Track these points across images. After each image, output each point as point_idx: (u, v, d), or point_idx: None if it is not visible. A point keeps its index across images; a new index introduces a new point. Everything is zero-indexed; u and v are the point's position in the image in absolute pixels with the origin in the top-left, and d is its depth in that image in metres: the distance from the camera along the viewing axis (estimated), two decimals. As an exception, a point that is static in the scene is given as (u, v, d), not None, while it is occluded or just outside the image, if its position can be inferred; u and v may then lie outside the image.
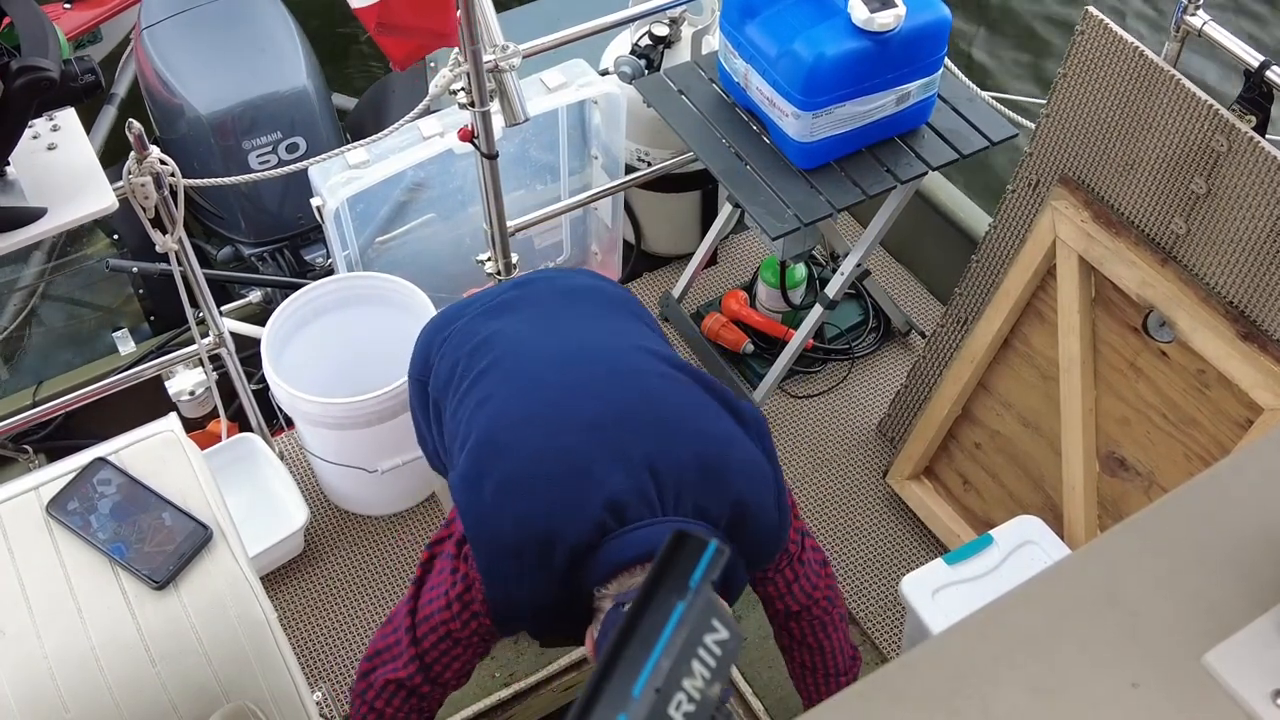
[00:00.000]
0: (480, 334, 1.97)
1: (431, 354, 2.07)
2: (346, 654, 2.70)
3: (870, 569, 2.83)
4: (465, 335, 2.00)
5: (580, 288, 2.12)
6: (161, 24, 3.28)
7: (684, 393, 1.86)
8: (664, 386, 1.86)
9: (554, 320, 2.01)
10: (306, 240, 3.38)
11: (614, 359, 1.90)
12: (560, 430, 1.79)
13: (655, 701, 0.73)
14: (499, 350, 1.92)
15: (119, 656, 1.54)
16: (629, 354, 1.92)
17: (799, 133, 2.49)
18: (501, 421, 1.83)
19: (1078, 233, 2.32)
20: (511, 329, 1.97)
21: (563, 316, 2.02)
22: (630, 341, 1.96)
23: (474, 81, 2.25)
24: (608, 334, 1.99)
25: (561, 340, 1.94)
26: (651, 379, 1.87)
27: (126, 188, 2.19)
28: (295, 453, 3.02)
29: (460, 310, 2.11)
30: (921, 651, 0.89)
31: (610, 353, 1.92)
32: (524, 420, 1.83)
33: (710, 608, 0.78)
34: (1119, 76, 2.21)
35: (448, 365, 1.98)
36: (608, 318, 2.04)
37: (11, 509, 1.66)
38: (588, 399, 1.82)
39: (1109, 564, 0.92)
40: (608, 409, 1.80)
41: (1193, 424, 2.25)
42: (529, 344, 1.93)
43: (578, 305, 2.06)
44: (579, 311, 2.04)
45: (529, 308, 2.03)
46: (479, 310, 2.06)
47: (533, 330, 1.97)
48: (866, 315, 3.28)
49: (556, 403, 1.82)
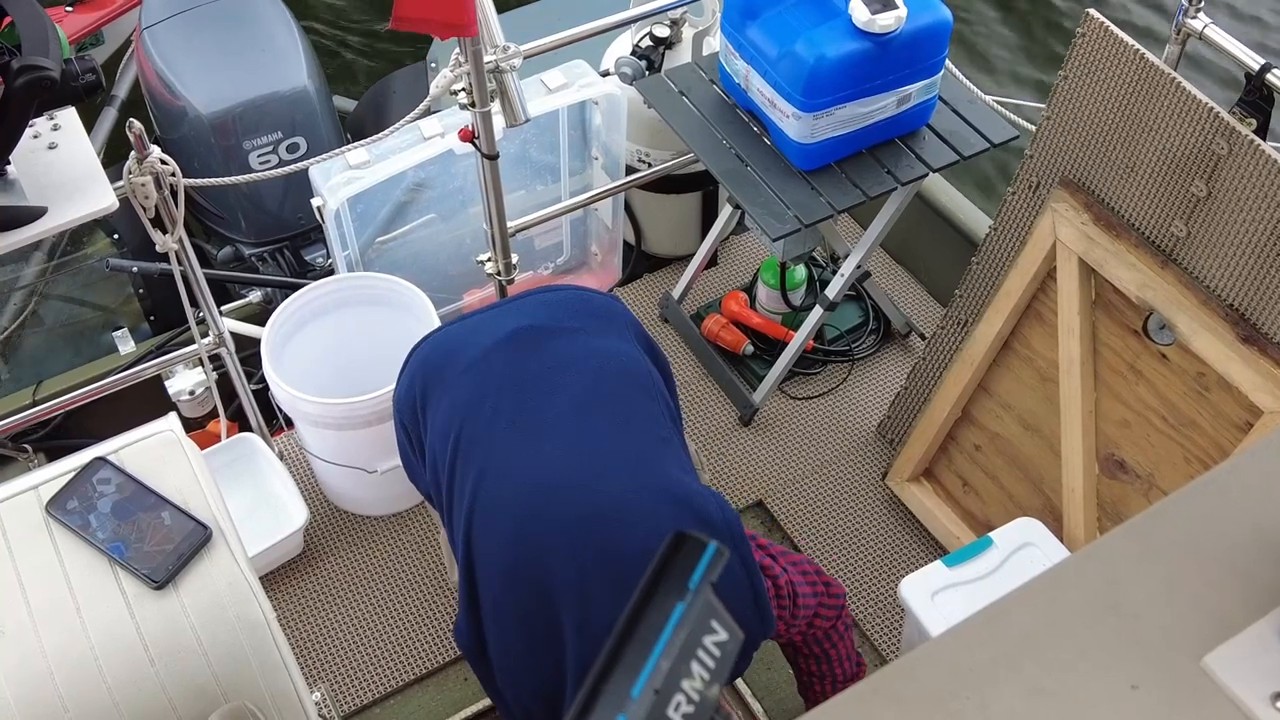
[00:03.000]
0: (464, 436, 1.90)
1: (417, 407, 2.01)
2: (346, 654, 2.70)
3: (869, 571, 2.83)
4: (449, 427, 1.92)
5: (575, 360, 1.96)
6: (162, 24, 3.28)
7: (651, 516, 1.81)
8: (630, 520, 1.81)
9: (539, 429, 1.89)
10: (307, 240, 3.38)
11: (583, 499, 1.84)
12: (530, 595, 1.81)
13: (654, 702, 0.73)
14: (477, 481, 1.87)
15: (118, 656, 1.54)
16: (599, 486, 1.85)
17: (799, 134, 2.50)
18: (484, 585, 1.87)
19: (1078, 235, 2.32)
20: (496, 440, 1.89)
21: (549, 420, 1.90)
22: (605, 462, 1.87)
23: (475, 82, 2.25)
24: (587, 455, 1.88)
25: (537, 476, 1.86)
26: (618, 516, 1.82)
27: (127, 187, 2.19)
28: (295, 453, 3.02)
29: (449, 356, 2.00)
30: (921, 653, 0.89)
31: (581, 488, 1.85)
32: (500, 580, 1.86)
33: (709, 609, 0.78)
34: (1120, 79, 2.21)
35: (433, 460, 1.95)
36: (594, 413, 1.91)
37: (11, 508, 1.66)
38: (557, 562, 1.80)
39: (1108, 566, 0.92)
40: (574, 576, 1.78)
41: (1192, 426, 2.25)
42: (505, 478, 1.87)
43: (568, 395, 1.92)
44: (566, 411, 1.91)
45: (518, 392, 1.92)
46: (466, 378, 1.95)
47: (515, 447, 1.88)
48: (866, 317, 3.28)
49: (521, 569, 1.83)
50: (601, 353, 1.98)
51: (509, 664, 1.88)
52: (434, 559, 2.84)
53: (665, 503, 1.83)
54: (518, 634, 1.85)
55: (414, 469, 2.11)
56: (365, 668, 2.68)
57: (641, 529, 1.80)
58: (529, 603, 1.81)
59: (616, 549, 1.78)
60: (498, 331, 1.99)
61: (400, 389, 2.08)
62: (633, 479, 1.85)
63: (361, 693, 2.64)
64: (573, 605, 1.77)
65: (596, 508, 1.82)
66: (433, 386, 1.99)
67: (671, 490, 1.84)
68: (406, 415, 2.06)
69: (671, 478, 1.86)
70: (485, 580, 1.87)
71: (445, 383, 1.98)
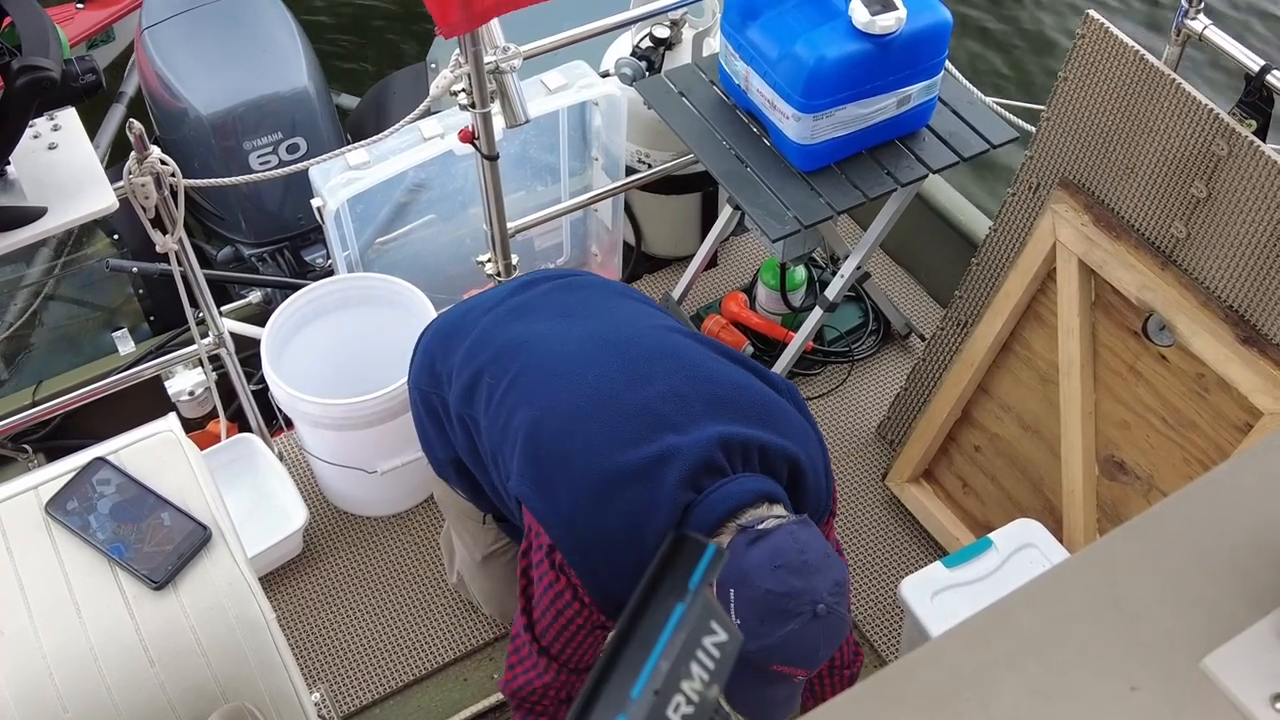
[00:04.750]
0: (499, 340, 1.96)
1: (437, 364, 2.04)
2: (345, 655, 2.70)
3: (869, 571, 2.83)
4: (482, 344, 1.97)
5: (585, 283, 2.11)
6: (162, 24, 3.28)
7: (720, 363, 1.89)
8: (702, 360, 1.88)
9: (572, 315, 1.99)
10: (306, 241, 3.38)
11: (643, 340, 1.90)
12: (613, 421, 1.79)
13: (654, 703, 0.73)
14: (527, 354, 1.90)
15: (118, 656, 1.54)
16: (656, 333, 1.93)
17: (799, 135, 2.50)
18: (551, 424, 1.82)
19: (1078, 236, 2.32)
20: (533, 330, 1.95)
21: (579, 310, 2.01)
22: (650, 322, 1.97)
23: (475, 83, 2.25)
24: (627, 320, 1.98)
25: (587, 331, 1.93)
26: (688, 354, 1.88)
27: (127, 188, 2.19)
28: (295, 453, 3.02)
29: (462, 315, 2.08)
30: (921, 654, 0.89)
31: (638, 334, 1.92)
32: (575, 416, 1.81)
33: (709, 610, 0.78)
34: (1120, 80, 2.21)
35: (468, 376, 1.95)
36: (621, 306, 2.05)
37: (11, 509, 1.66)
38: (633, 383, 1.82)
39: (1108, 567, 0.92)
40: (654, 390, 1.81)
41: (1192, 428, 2.25)
42: (555, 341, 1.92)
43: (588, 299, 2.05)
44: (592, 304, 2.03)
45: (542, 308, 2.02)
46: (488, 316, 2.02)
47: (554, 328, 1.95)
48: (866, 318, 3.29)
49: (602, 393, 1.82)
50: (610, 283, 2.14)
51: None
52: (434, 559, 2.84)
53: (732, 360, 1.91)
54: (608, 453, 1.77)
55: (431, 442, 2.11)
56: (365, 668, 2.68)
57: (721, 371, 1.86)
58: (617, 419, 1.79)
59: (702, 375, 1.84)
60: (505, 289, 2.10)
61: (414, 365, 2.12)
62: (694, 338, 1.94)
63: (361, 693, 2.64)
64: (670, 411, 1.78)
65: (672, 348, 1.88)
66: (449, 341, 2.04)
67: (734, 354, 1.93)
68: (424, 380, 2.07)
69: (728, 348, 1.96)
70: (559, 431, 1.81)
71: (463, 331, 2.02)
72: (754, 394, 1.85)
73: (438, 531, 2.84)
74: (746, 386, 1.86)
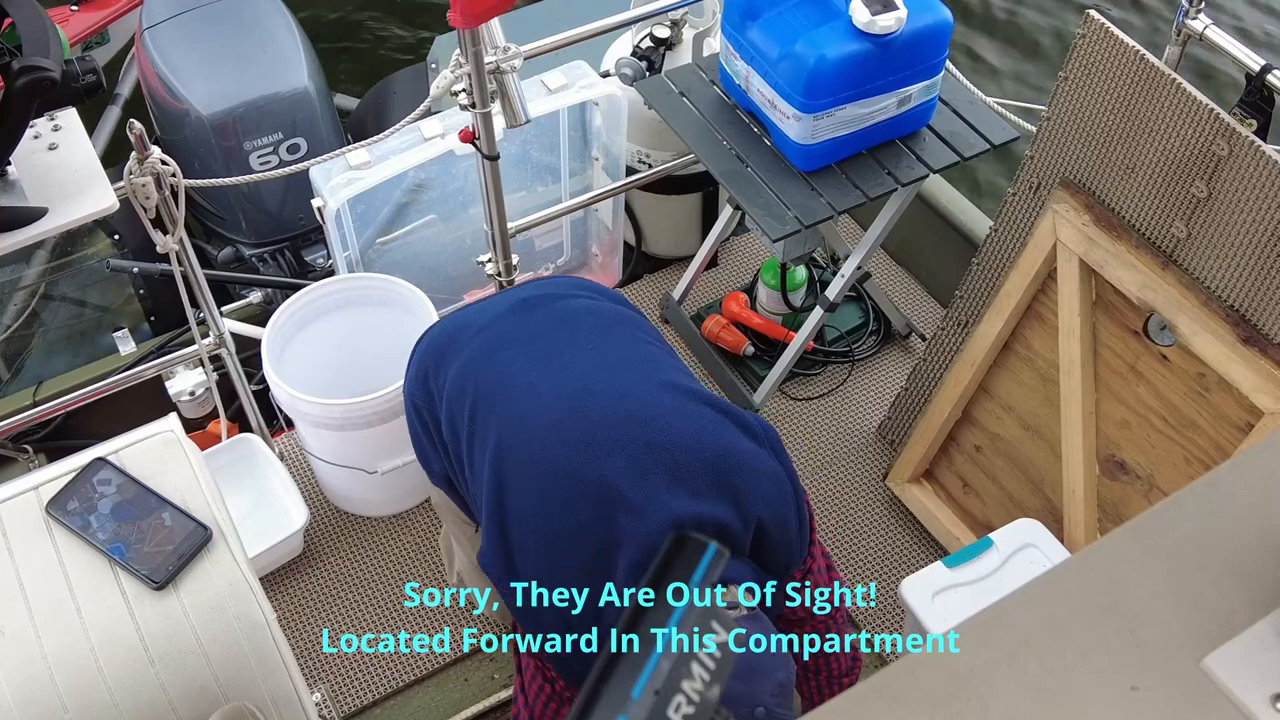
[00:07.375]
0: (482, 380, 1.92)
1: (430, 380, 2.02)
2: (345, 655, 2.70)
3: (870, 571, 2.83)
4: (465, 378, 1.94)
5: (584, 310, 2.05)
6: (163, 25, 3.28)
7: (690, 421, 1.83)
8: (670, 421, 1.82)
9: (551, 362, 1.93)
10: (307, 241, 3.38)
11: (615, 401, 1.86)
12: (570, 497, 1.77)
13: (654, 703, 0.73)
14: (502, 407, 1.88)
15: (118, 657, 1.54)
16: (631, 390, 1.88)
17: (800, 135, 2.50)
18: (514, 502, 1.81)
19: (1079, 236, 2.32)
20: (513, 374, 1.91)
21: (564, 351, 1.95)
22: (628, 375, 1.92)
23: (475, 83, 2.25)
24: (607, 370, 1.93)
25: (559, 391, 1.88)
26: (656, 417, 1.83)
27: (127, 188, 2.19)
28: (295, 453, 3.02)
29: (458, 330, 2.04)
30: (921, 654, 0.89)
31: (611, 393, 1.87)
32: (535, 494, 1.80)
33: (709, 610, 0.78)
34: (1120, 80, 2.21)
35: (451, 414, 1.94)
36: (610, 347, 1.98)
37: (11, 509, 1.66)
38: (593, 458, 1.78)
39: (1109, 567, 0.92)
40: (613, 465, 1.77)
41: (1193, 427, 2.25)
42: (527, 401, 1.88)
43: (580, 334, 1.99)
44: (580, 342, 1.97)
45: (531, 341, 1.97)
46: (479, 337, 1.99)
47: (531, 378, 1.90)
48: (867, 318, 3.28)
49: (559, 468, 1.79)
50: (605, 309, 2.06)
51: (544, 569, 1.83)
52: (434, 559, 2.84)
53: (708, 408, 1.86)
54: (561, 525, 1.78)
55: (426, 453, 2.11)
56: (365, 668, 2.68)
57: (689, 430, 1.81)
58: (573, 494, 1.77)
59: (665, 441, 1.79)
60: (502, 305, 2.06)
61: (410, 374, 2.10)
62: (669, 389, 1.88)
63: (361, 693, 2.64)
64: (627, 489, 1.74)
65: (640, 408, 1.83)
66: (443, 357, 2.02)
67: (711, 400, 1.88)
68: (419, 394, 2.06)
69: (707, 393, 1.91)
70: (518, 491, 1.81)
71: (456, 349, 2.00)
72: (720, 455, 1.79)
73: (437, 532, 2.84)
74: (714, 447, 1.80)
